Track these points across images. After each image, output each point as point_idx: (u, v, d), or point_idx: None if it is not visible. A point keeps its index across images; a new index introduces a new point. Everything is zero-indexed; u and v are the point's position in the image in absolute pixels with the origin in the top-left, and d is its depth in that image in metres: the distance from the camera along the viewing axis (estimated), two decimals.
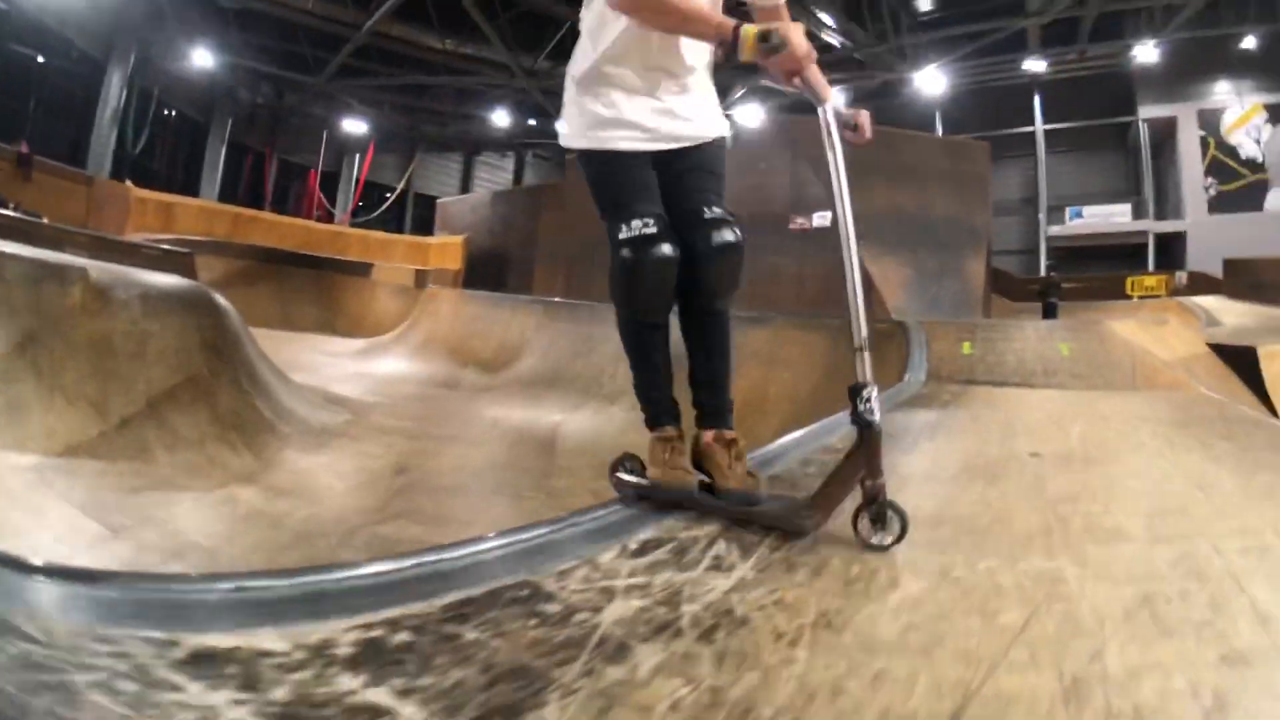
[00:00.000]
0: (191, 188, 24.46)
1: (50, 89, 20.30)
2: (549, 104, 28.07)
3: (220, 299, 8.35)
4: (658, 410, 2.44)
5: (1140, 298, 22.51)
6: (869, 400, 2.12)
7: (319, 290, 18.57)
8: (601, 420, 9.54)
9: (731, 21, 2.03)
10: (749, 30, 1.98)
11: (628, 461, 2.47)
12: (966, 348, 7.57)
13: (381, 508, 5.52)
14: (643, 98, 2.32)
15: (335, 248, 19.03)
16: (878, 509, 2.02)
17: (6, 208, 13.66)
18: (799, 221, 13.56)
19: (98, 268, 6.67)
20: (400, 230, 28.67)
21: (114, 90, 20.65)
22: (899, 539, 1.99)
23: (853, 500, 2.06)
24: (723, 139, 2.55)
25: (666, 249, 2.22)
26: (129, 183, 16.46)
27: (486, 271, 19.21)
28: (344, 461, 6.73)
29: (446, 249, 19.73)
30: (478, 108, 29.13)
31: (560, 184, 19.04)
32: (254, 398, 7.18)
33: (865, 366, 2.18)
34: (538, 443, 8.57)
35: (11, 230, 8.97)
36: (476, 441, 8.50)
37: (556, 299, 15.29)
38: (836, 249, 2.25)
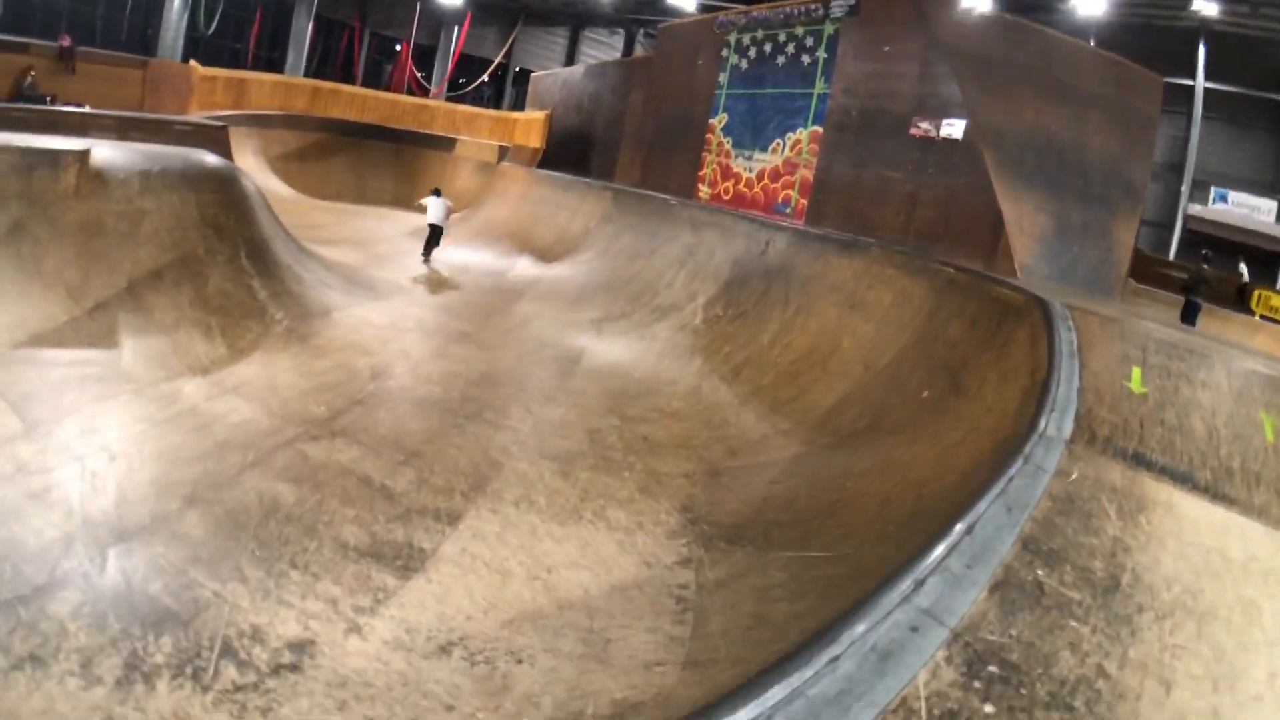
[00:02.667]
0: (276, 66, 24.51)
1: None
2: None
3: (239, 173, 8.31)
4: None
5: (1262, 317, 18.85)
6: None
7: (398, 164, 18.61)
8: (638, 338, 9.03)
9: None
10: None
11: None
12: (1137, 380, 4.71)
13: (330, 419, 5.44)
14: None
15: (419, 121, 18.78)
16: None
17: (45, 101, 14.10)
18: (922, 126, 11.14)
19: (102, 149, 6.68)
20: (499, 107, 28.13)
21: None
22: None
23: None
24: None
25: None
26: (193, 63, 16.53)
27: (569, 152, 18.53)
28: (325, 356, 6.68)
29: (531, 125, 19.11)
30: None
31: (651, 58, 17.69)
32: (251, 278, 7.18)
33: None
34: (557, 356, 8.19)
35: (26, 122, 9.15)
36: (490, 345, 8.29)
37: (629, 188, 14.59)
38: (965, 170, 1.70)
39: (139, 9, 20.90)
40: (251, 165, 14.88)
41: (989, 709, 1.85)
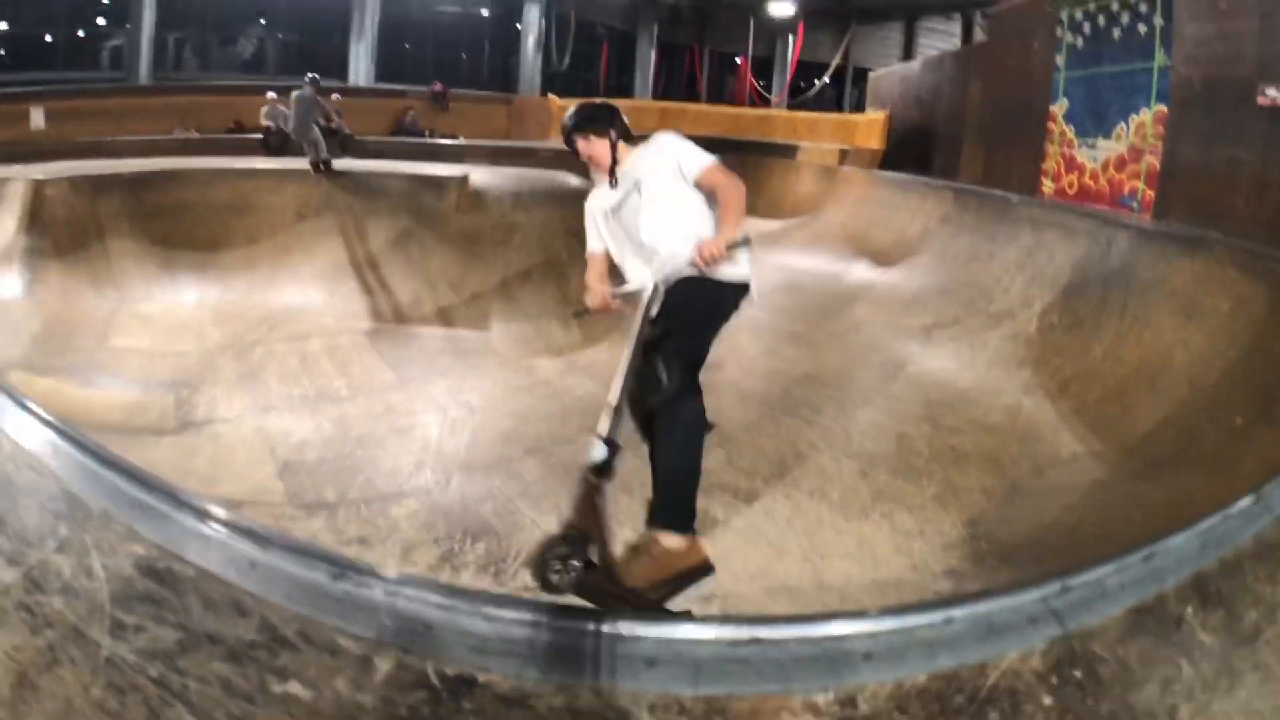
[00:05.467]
0: (626, 91, 26.88)
1: (473, 33, 25.11)
2: None
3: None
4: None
5: None
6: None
7: (742, 173, 18.91)
8: (967, 346, 8.55)
9: None
10: None
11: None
12: None
13: None
14: None
15: (761, 131, 19.42)
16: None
17: (423, 135, 16.88)
18: (1270, 93, 8.98)
19: (479, 174, 8.02)
20: (840, 109, 28.08)
21: (533, 21, 23.99)
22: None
23: None
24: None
25: None
26: (550, 95, 18.53)
27: (911, 151, 17.80)
28: None
29: (871, 126, 18.76)
30: None
31: (986, 45, 16.56)
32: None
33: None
34: (882, 361, 8.07)
35: (412, 153, 11.16)
36: (818, 346, 8.43)
37: (970, 185, 13.78)
38: None
39: (497, 51, 24.28)
40: None
41: (1048, 700, 1.98)
